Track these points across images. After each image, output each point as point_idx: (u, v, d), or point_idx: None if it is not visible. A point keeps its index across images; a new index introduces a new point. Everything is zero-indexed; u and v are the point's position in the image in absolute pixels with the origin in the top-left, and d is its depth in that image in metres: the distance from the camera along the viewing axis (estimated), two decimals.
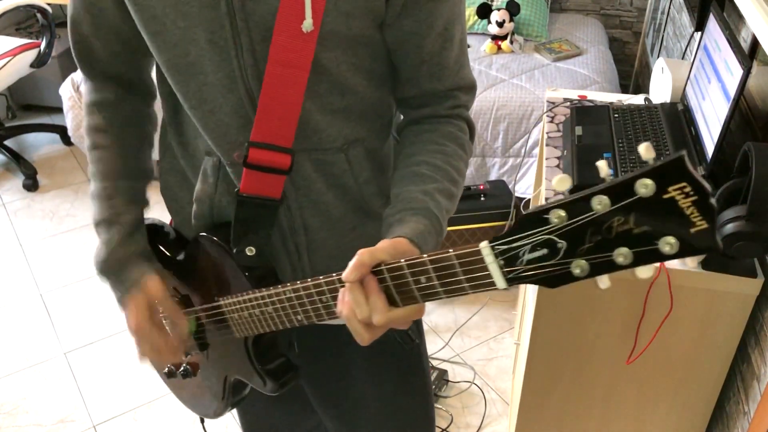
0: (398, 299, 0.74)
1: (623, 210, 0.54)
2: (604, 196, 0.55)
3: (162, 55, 0.90)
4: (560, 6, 3.65)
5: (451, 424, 2.13)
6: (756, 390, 1.34)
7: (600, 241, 0.56)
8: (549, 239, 0.59)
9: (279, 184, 0.92)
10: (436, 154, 0.92)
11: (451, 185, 0.91)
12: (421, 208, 0.86)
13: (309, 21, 0.82)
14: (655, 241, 0.54)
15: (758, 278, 1.33)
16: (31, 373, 2.34)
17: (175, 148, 1.04)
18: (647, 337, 1.44)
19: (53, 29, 3.16)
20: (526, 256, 0.61)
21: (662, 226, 0.53)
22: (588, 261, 0.58)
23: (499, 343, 2.43)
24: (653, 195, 0.53)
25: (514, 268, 0.63)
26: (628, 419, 1.61)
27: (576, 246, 0.58)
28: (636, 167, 1.51)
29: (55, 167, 3.43)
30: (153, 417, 2.18)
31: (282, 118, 0.88)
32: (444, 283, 0.69)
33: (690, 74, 1.72)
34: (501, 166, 2.83)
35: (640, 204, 0.53)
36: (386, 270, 0.73)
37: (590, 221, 0.56)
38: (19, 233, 3.00)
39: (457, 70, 0.94)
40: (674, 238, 0.53)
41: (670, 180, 0.52)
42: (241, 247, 0.95)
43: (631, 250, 0.55)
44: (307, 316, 0.86)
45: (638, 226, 0.54)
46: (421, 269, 0.70)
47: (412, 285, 0.72)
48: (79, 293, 2.67)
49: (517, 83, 2.85)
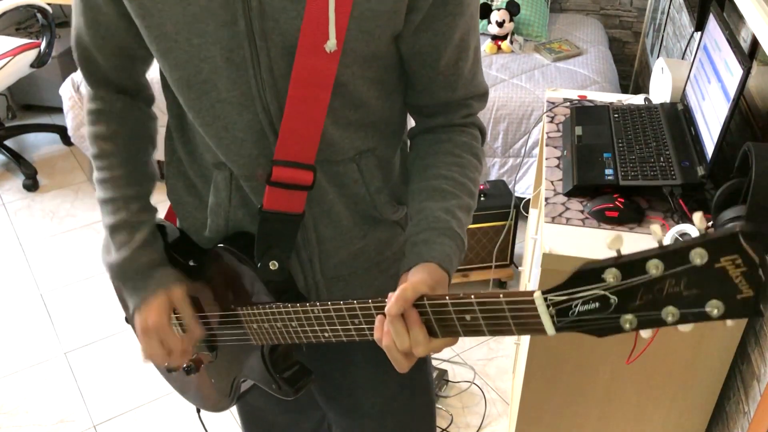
0: (438, 331, 0.76)
1: (677, 275, 0.58)
2: (659, 261, 0.58)
3: (173, 72, 0.89)
4: (560, 6, 3.65)
5: (451, 424, 2.13)
6: (756, 390, 1.34)
7: (651, 300, 0.60)
8: (603, 295, 0.62)
9: (302, 199, 0.93)
10: (453, 167, 0.93)
11: (469, 199, 0.93)
12: (446, 228, 0.87)
13: (333, 41, 0.81)
14: (703, 304, 0.57)
15: None
16: (31, 373, 2.34)
17: (181, 155, 1.04)
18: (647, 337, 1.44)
19: (53, 29, 3.16)
20: (578, 308, 0.64)
21: (711, 291, 0.57)
22: (637, 317, 0.61)
23: (499, 343, 2.43)
24: (706, 263, 0.56)
25: (565, 318, 0.66)
26: (628, 419, 1.61)
27: (627, 302, 0.61)
28: (636, 167, 1.51)
29: (55, 167, 3.43)
30: (153, 417, 2.18)
31: (305, 136, 0.88)
32: (489, 324, 0.72)
33: (690, 74, 1.72)
34: (501, 166, 2.83)
35: (693, 270, 0.57)
36: (429, 305, 0.75)
37: (644, 282, 0.59)
38: (19, 233, 3.00)
39: (471, 79, 0.94)
40: (721, 302, 0.57)
41: (723, 252, 0.55)
42: (265, 261, 0.95)
43: (680, 311, 0.59)
44: (336, 335, 0.87)
45: (688, 290, 0.57)
46: (466, 308, 0.72)
47: (455, 321, 0.74)
48: (79, 293, 2.67)
49: (517, 83, 2.85)
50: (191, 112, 0.92)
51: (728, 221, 1.20)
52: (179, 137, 1.02)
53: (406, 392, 1.20)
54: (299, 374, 1.04)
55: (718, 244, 0.55)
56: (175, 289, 0.99)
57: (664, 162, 1.51)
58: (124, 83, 1.02)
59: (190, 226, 1.08)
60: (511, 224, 2.49)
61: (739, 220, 1.18)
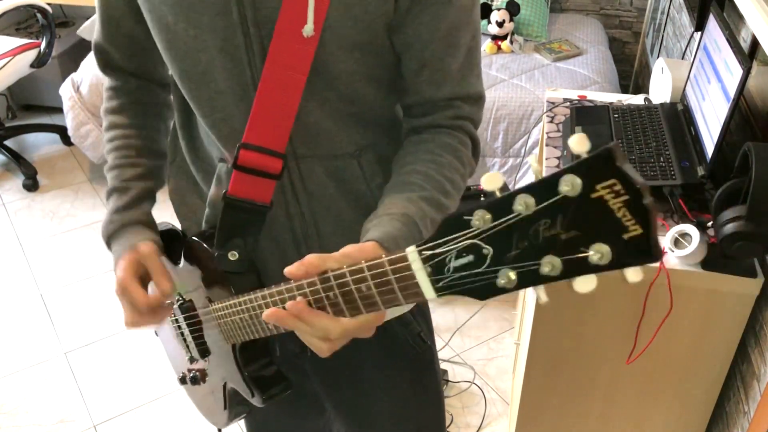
0: (346, 311, 0.71)
1: (548, 211, 0.49)
2: (528, 195, 0.49)
3: (174, 63, 0.90)
4: (560, 6, 3.65)
5: (451, 424, 2.13)
6: (756, 390, 1.34)
7: (527, 247, 0.51)
8: (474, 244, 0.54)
9: (269, 189, 0.91)
10: (429, 164, 0.89)
11: (440, 195, 0.87)
12: (399, 214, 0.82)
13: (310, 26, 0.82)
14: (584, 249, 0.48)
15: (758, 278, 1.33)
16: (31, 373, 2.34)
17: (185, 152, 1.04)
18: (647, 337, 1.44)
19: (53, 29, 3.16)
20: (453, 263, 0.57)
21: (593, 231, 0.47)
22: (515, 270, 0.53)
23: (499, 343, 2.43)
24: (580, 194, 0.47)
25: (442, 276, 0.58)
26: (628, 419, 1.61)
27: (503, 253, 0.53)
28: (636, 167, 1.51)
29: (55, 167, 3.43)
30: (153, 417, 2.18)
31: (276, 120, 0.87)
32: (381, 291, 0.65)
33: (690, 74, 1.72)
34: (501, 166, 2.83)
35: (567, 204, 0.48)
36: (333, 277, 0.70)
37: (515, 224, 0.51)
38: (19, 233, 3.00)
39: (459, 79, 0.91)
40: (606, 245, 0.48)
41: (597, 177, 0.46)
42: (224, 251, 0.93)
43: (560, 259, 0.50)
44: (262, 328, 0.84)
45: (566, 231, 0.48)
46: (360, 276, 0.67)
47: (355, 294, 0.68)
48: (79, 293, 2.67)
49: (517, 83, 2.85)
50: (193, 104, 0.93)
51: (728, 221, 1.20)
52: (184, 134, 1.03)
53: (418, 394, 1.19)
54: (273, 380, 1.00)
55: (589, 167, 0.46)
56: (141, 245, 0.96)
57: (664, 162, 1.51)
58: (139, 69, 1.04)
59: (192, 226, 1.08)
60: None
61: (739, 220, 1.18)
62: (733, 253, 1.21)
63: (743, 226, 1.17)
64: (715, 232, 1.24)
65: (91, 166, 3.36)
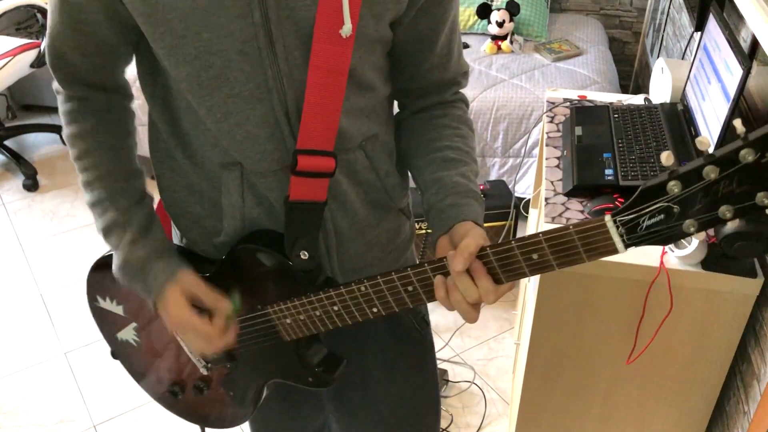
0: (503, 277, 0.81)
1: (730, 175, 0.64)
2: (715, 166, 0.64)
3: (181, 69, 0.86)
4: (560, 6, 3.65)
5: (451, 424, 2.13)
6: (756, 390, 1.34)
7: (708, 202, 0.66)
8: (667, 207, 0.69)
9: (324, 186, 0.94)
10: (455, 138, 0.99)
11: (474, 164, 1.00)
12: (468, 191, 0.94)
13: (348, 26, 0.83)
14: (753, 197, 0.64)
15: (758, 278, 1.33)
16: (31, 373, 2.34)
17: (181, 162, 0.99)
18: (647, 337, 1.44)
19: None
20: (645, 222, 0.70)
21: (760, 184, 0.63)
22: (698, 220, 0.67)
23: (499, 343, 2.43)
24: (755, 160, 0.62)
25: (634, 234, 0.71)
26: (628, 419, 1.61)
27: (688, 209, 0.68)
28: (636, 167, 1.51)
29: (55, 167, 3.43)
30: (153, 417, 2.18)
31: (325, 123, 0.89)
32: (559, 257, 0.76)
33: (690, 74, 1.72)
34: (501, 166, 2.83)
35: (744, 168, 0.63)
36: (492, 254, 0.79)
37: (702, 188, 0.66)
38: (19, 233, 3.00)
39: (458, 58, 1.00)
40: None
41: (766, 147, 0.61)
42: (296, 252, 0.95)
43: (734, 207, 0.65)
44: (387, 306, 0.89)
45: (740, 187, 0.64)
46: (534, 248, 0.76)
47: (521, 263, 0.78)
48: (79, 293, 2.67)
49: (517, 83, 2.85)
50: (202, 110, 0.89)
51: None
52: (175, 144, 0.98)
53: (417, 376, 1.20)
54: (333, 361, 1.04)
55: (762, 140, 0.61)
56: (182, 276, 0.95)
57: None
58: (102, 82, 0.97)
59: (197, 237, 1.04)
60: (511, 224, 2.49)
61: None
62: (733, 253, 1.21)
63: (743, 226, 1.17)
64: (715, 232, 1.24)
65: None
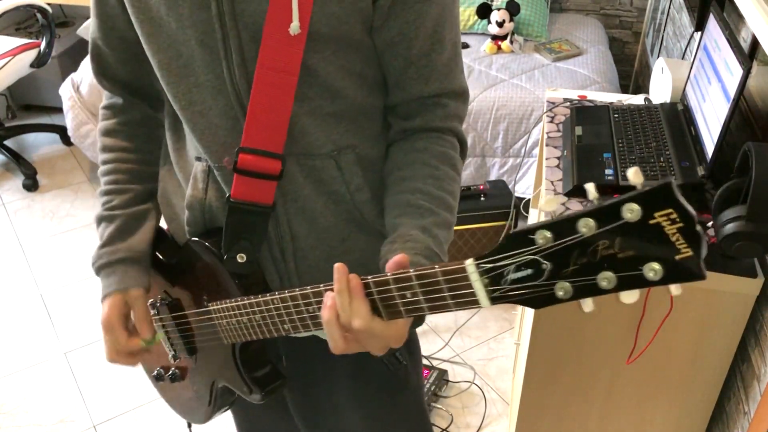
0: (383, 312, 0.75)
1: (609, 234, 0.55)
2: (590, 219, 0.55)
3: (155, 56, 0.91)
4: (560, 6, 3.65)
5: (451, 424, 2.13)
6: (756, 390, 1.34)
7: (585, 263, 0.57)
8: (534, 260, 0.59)
9: (270, 190, 0.92)
10: (428, 179, 0.90)
11: (447, 214, 0.90)
12: (423, 248, 0.84)
13: (296, 24, 0.82)
14: (639, 267, 0.54)
15: (758, 278, 1.33)
16: (31, 373, 2.34)
17: (171, 154, 1.04)
18: (647, 337, 1.44)
19: (53, 29, 3.16)
20: (511, 275, 0.62)
21: (647, 251, 0.54)
22: (572, 284, 0.58)
23: (499, 343, 2.43)
24: (639, 220, 0.53)
25: (498, 287, 0.63)
26: (628, 419, 1.61)
27: (561, 268, 0.58)
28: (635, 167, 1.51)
29: (55, 167, 3.43)
30: (153, 417, 2.18)
31: (272, 123, 0.87)
32: (429, 299, 0.70)
33: (690, 74, 1.72)
34: (501, 166, 2.83)
35: (626, 228, 0.54)
36: (372, 284, 0.74)
37: (576, 243, 0.56)
38: (19, 233, 3.00)
39: (446, 73, 0.91)
40: (659, 264, 0.54)
41: (656, 206, 0.52)
42: (232, 254, 0.94)
43: (616, 275, 0.56)
44: (294, 326, 0.85)
45: (623, 251, 0.55)
46: (407, 284, 0.71)
47: (397, 299, 0.73)
48: (79, 293, 2.67)
49: (517, 83, 2.85)
50: (171, 97, 0.93)
51: (728, 221, 1.20)
52: (171, 135, 1.03)
53: (389, 413, 1.17)
54: (270, 376, 1.02)
55: (650, 197, 0.52)
56: (131, 291, 1.01)
57: (664, 162, 1.51)
58: (131, 81, 1.04)
59: (177, 228, 1.07)
60: (511, 224, 2.49)
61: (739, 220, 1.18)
62: (733, 253, 1.21)
63: (743, 226, 1.17)
64: (715, 232, 1.24)
65: (91, 166, 3.36)
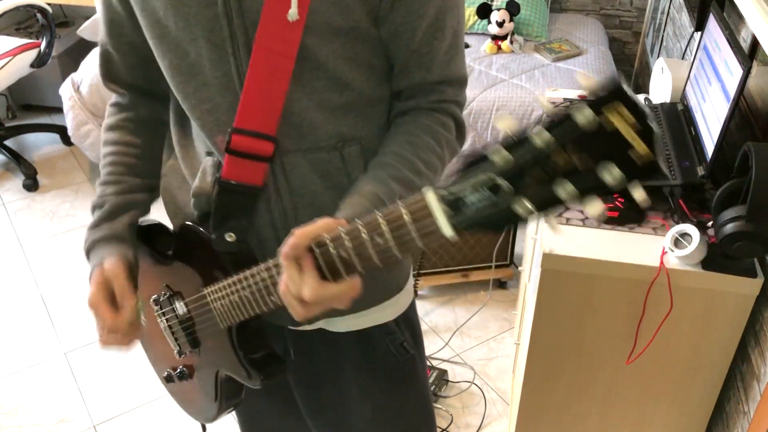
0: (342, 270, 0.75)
1: (564, 143, 0.53)
2: (544, 130, 0.53)
3: (164, 58, 0.92)
4: (560, 6, 3.65)
5: (451, 424, 2.13)
6: (756, 390, 1.34)
7: (542, 176, 0.55)
8: (490, 178, 0.57)
9: (260, 171, 0.93)
10: (405, 144, 0.91)
11: (412, 175, 0.89)
12: (368, 192, 0.86)
13: (294, 10, 0.83)
14: (597, 172, 0.52)
15: (758, 278, 1.33)
16: (31, 373, 2.34)
17: (177, 150, 1.05)
18: (647, 337, 1.44)
19: (53, 29, 3.16)
20: (470, 198, 0.60)
21: (603, 154, 0.52)
22: (530, 198, 0.56)
23: (499, 343, 2.43)
24: (591, 122, 0.51)
25: (459, 213, 0.62)
26: (628, 419, 1.61)
27: (519, 184, 0.56)
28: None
29: (55, 167, 3.43)
30: (153, 417, 2.18)
31: (266, 104, 0.88)
32: (395, 237, 0.68)
33: (690, 74, 1.72)
34: None
35: (581, 135, 0.52)
36: (329, 240, 0.74)
37: (533, 157, 0.54)
38: (19, 233, 3.00)
39: (447, 61, 0.92)
40: (614, 163, 0.52)
41: (606, 102, 0.51)
42: (221, 233, 0.95)
43: (573, 183, 0.54)
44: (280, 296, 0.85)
45: (580, 159, 0.53)
46: (370, 229, 0.70)
47: (360, 249, 0.72)
48: (79, 293, 2.67)
49: (517, 83, 2.85)
50: (180, 96, 0.94)
51: (728, 221, 1.20)
52: (177, 131, 1.04)
53: (397, 403, 1.17)
54: (269, 359, 1.02)
55: (599, 95, 0.51)
56: (105, 264, 0.97)
57: (664, 162, 1.51)
58: (140, 84, 1.05)
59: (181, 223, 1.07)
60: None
61: (739, 220, 1.18)
62: (733, 253, 1.21)
63: (743, 226, 1.17)
64: (715, 232, 1.25)
65: (91, 165, 3.36)
